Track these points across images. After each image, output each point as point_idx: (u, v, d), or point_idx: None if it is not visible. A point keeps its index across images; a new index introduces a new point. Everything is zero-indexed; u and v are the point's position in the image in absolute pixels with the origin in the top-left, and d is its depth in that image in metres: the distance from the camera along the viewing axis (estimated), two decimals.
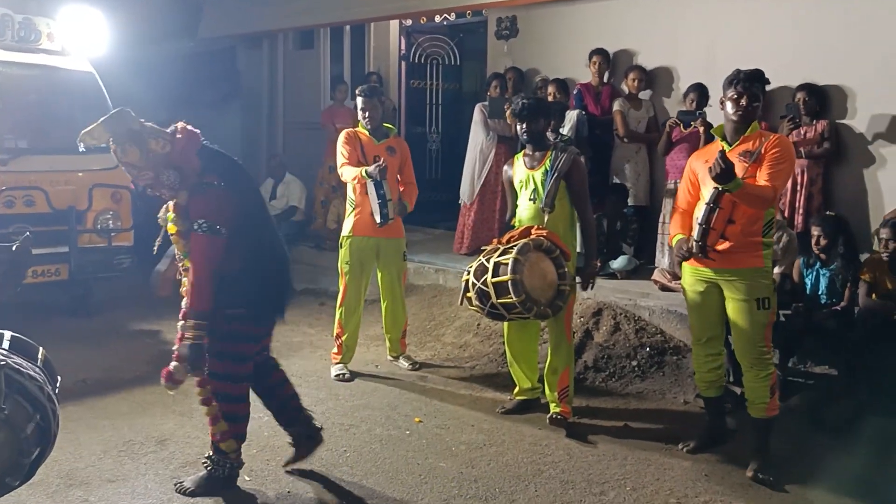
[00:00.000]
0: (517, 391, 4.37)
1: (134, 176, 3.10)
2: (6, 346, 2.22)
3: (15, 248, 2.25)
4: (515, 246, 3.83)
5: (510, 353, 4.32)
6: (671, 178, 5.85)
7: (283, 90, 10.12)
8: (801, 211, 5.44)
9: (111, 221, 5.90)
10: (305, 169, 8.45)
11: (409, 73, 9.15)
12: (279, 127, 10.13)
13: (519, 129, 4.14)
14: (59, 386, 2.37)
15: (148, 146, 3.02)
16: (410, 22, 9.02)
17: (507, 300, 3.78)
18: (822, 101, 5.51)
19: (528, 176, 4.13)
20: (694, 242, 3.45)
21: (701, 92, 5.75)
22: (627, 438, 3.97)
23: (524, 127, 4.09)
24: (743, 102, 3.40)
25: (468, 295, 3.97)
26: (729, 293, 3.51)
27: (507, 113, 4.26)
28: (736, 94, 3.41)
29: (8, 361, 2.10)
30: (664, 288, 5.52)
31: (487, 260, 3.89)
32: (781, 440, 3.76)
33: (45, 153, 5.79)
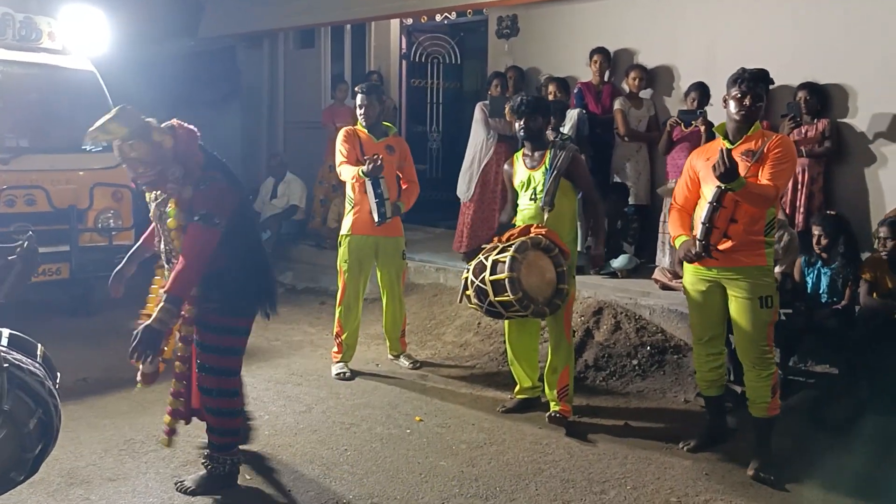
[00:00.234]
0: (518, 390, 4.37)
1: (138, 173, 3.08)
2: (4, 342, 2.21)
3: (25, 245, 2.24)
4: (513, 244, 3.83)
5: (511, 351, 4.32)
6: (671, 177, 5.84)
7: (283, 89, 10.11)
8: (801, 210, 5.44)
9: (112, 220, 5.91)
10: (306, 168, 8.45)
11: (409, 72, 9.15)
12: (279, 126, 10.12)
13: (517, 125, 4.14)
14: (59, 384, 2.36)
15: (157, 141, 3.04)
16: (411, 21, 9.01)
17: (504, 298, 3.78)
18: (823, 100, 5.51)
19: (528, 176, 4.12)
20: (697, 241, 3.45)
21: (702, 91, 5.74)
22: (628, 437, 3.97)
23: (522, 123, 4.09)
24: (746, 102, 3.40)
25: (467, 293, 3.98)
26: (732, 292, 3.51)
27: (506, 111, 4.26)
28: (740, 93, 3.40)
29: (9, 358, 2.10)
30: (665, 287, 5.52)
31: (486, 258, 3.90)
32: (782, 439, 3.76)
33: (46, 152, 5.80)
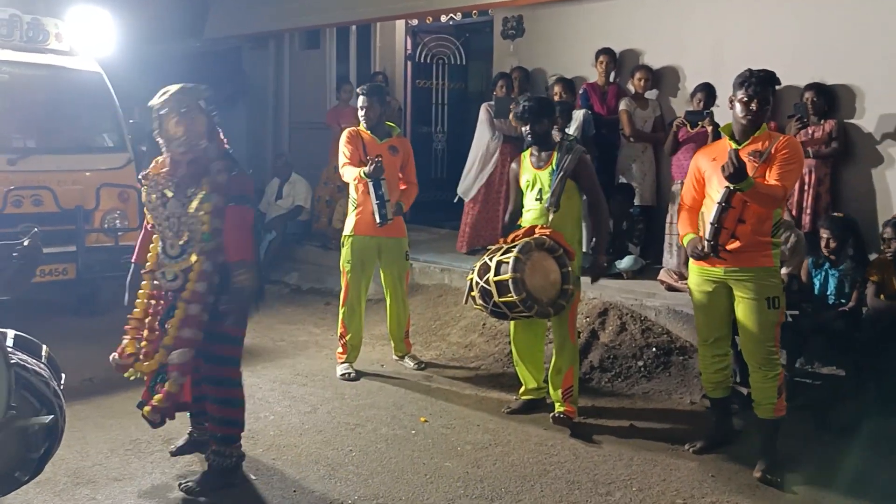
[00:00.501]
0: (523, 391, 4.37)
1: (184, 148, 3.18)
2: (10, 343, 2.22)
3: (26, 243, 2.25)
4: (518, 245, 3.83)
5: (516, 352, 4.31)
6: (677, 178, 5.83)
7: (288, 90, 10.11)
8: (808, 211, 5.42)
9: (118, 221, 5.91)
10: (311, 168, 8.45)
11: (414, 72, 9.14)
12: (285, 127, 10.12)
13: (524, 130, 4.15)
14: (65, 384, 2.37)
15: (208, 117, 3.26)
16: (416, 22, 9.02)
17: (508, 299, 3.78)
18: (830, 100, 5.49)
19: (534, 176, 4.13)
20: (706, 242, 3.44)
21: (708, 91, 5.72)
22: (633, 439, 3.96)
23: (528, 129, 4.11)
24: (753, 107, 3.39)
25: (472, 294, 3.98)
26: (739, 293, 3.50)
27: (510, 116, 4.27)
28: (746, 97, 3.39)
29: (14, 359, 2.11)
30: (670, 288, 5.51)
31: (490, 259, 3.90)
32: (789, 441, 3.74)
33: (53, 153, 5.82)
